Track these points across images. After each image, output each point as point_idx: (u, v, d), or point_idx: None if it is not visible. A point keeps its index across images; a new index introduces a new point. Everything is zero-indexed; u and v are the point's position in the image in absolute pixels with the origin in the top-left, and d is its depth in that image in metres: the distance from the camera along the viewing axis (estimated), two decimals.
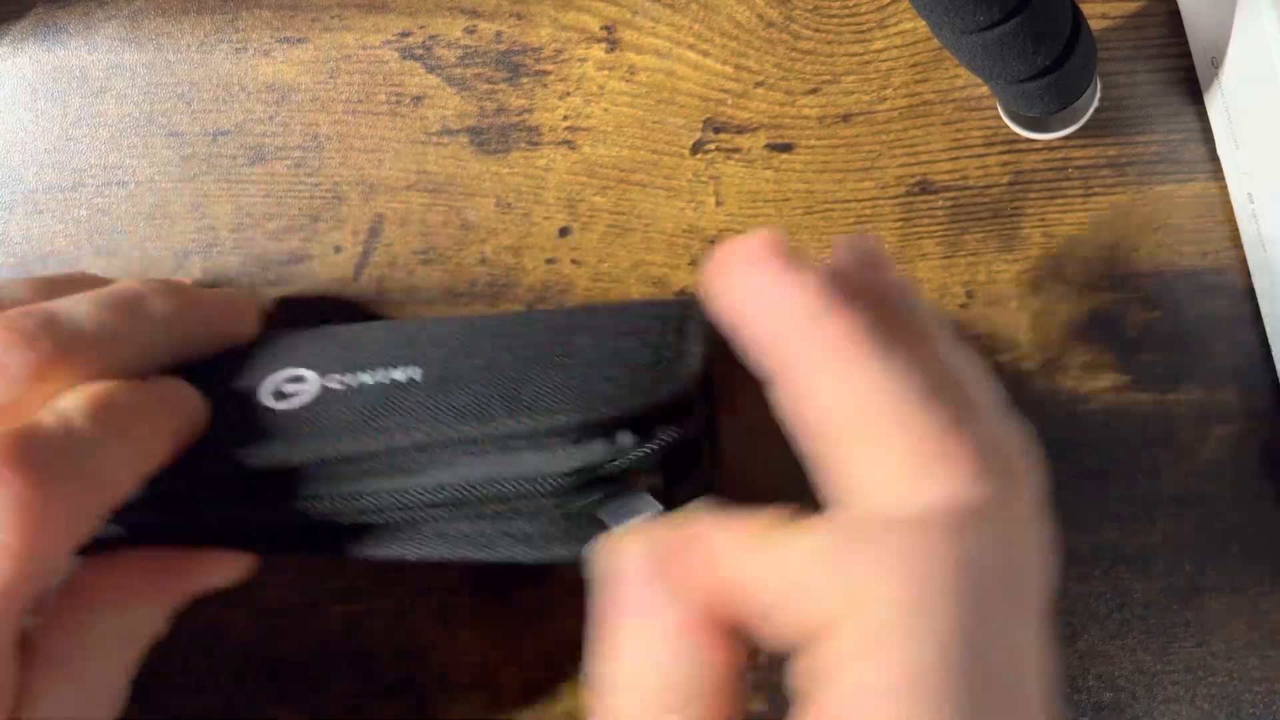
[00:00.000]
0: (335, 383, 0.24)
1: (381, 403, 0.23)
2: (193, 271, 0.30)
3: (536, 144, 0.29)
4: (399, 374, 0.23)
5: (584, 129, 0.29)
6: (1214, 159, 0.30)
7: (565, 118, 0.29)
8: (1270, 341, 0.30)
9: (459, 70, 0.29)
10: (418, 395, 0.23)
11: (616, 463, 0.21)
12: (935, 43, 0.29)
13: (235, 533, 0.24)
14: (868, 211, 0.30)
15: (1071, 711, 0.29)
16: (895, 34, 0.29)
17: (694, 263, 0.30)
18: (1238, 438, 0.30)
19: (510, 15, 0.29)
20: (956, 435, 0.17)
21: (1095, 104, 0.29)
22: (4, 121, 0.29)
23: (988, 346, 0.30)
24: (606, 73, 0.29)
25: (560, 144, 0.29)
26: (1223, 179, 0.30)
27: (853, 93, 0.29)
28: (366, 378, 0.24)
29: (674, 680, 0.18)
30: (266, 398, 0.24)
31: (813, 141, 0.30)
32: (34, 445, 0.20)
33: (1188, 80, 0.30)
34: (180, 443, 0.23)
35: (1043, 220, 0.30)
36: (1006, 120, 0.29)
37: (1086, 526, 0.29)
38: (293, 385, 0.24)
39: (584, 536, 0.22)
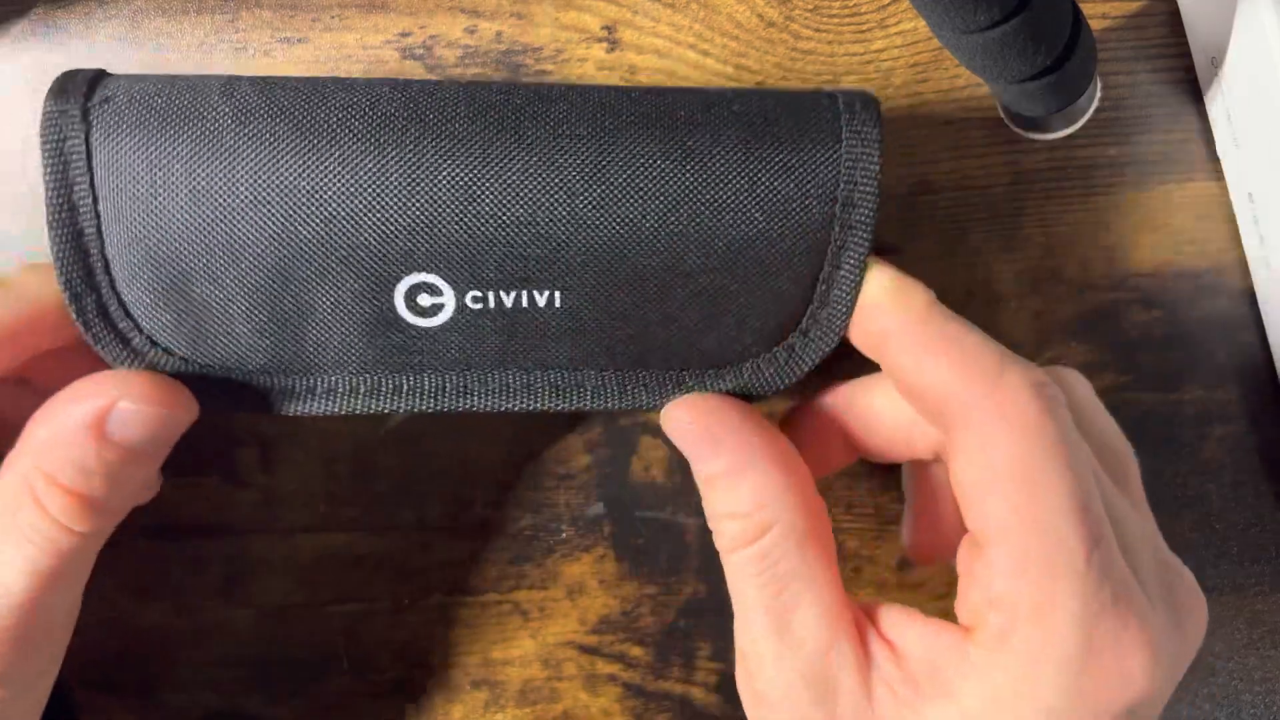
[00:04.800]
0: (473, 300, 0.23)
1: (520, 333, 0.23)
2: None
3: None
4: (540, 297, 0.23)
5: None
6: (1214, 159, 0.30)
7: None
8: (1270, 341, 0.30)
9: (459, 70, 0.29)
10: (558, 330, 0.23)
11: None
12: (935, 43, 0.29)
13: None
14: None
15: None
16: (895, 34, 0.29)
17: None
18: (1237, 438, 0.30)
19: (511, 15, 0.29)
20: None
21: (1095, 104, 0.29)
22: (5, 121, 0.29)
23: None
24: (607, 73, 0.29)
25: None
26: (1222, 179, 0.30)
27: None
28: (505, 298, 0.23)
29: None
30: (403, 308, 0.23)
31: None
32: None
33: (1188, 80, 0.30)
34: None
35: (1043, 220, 0.30)
36: (1006, 120, 0.29)
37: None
38: (428, 297, 0.23)
39: None
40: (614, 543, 0.30)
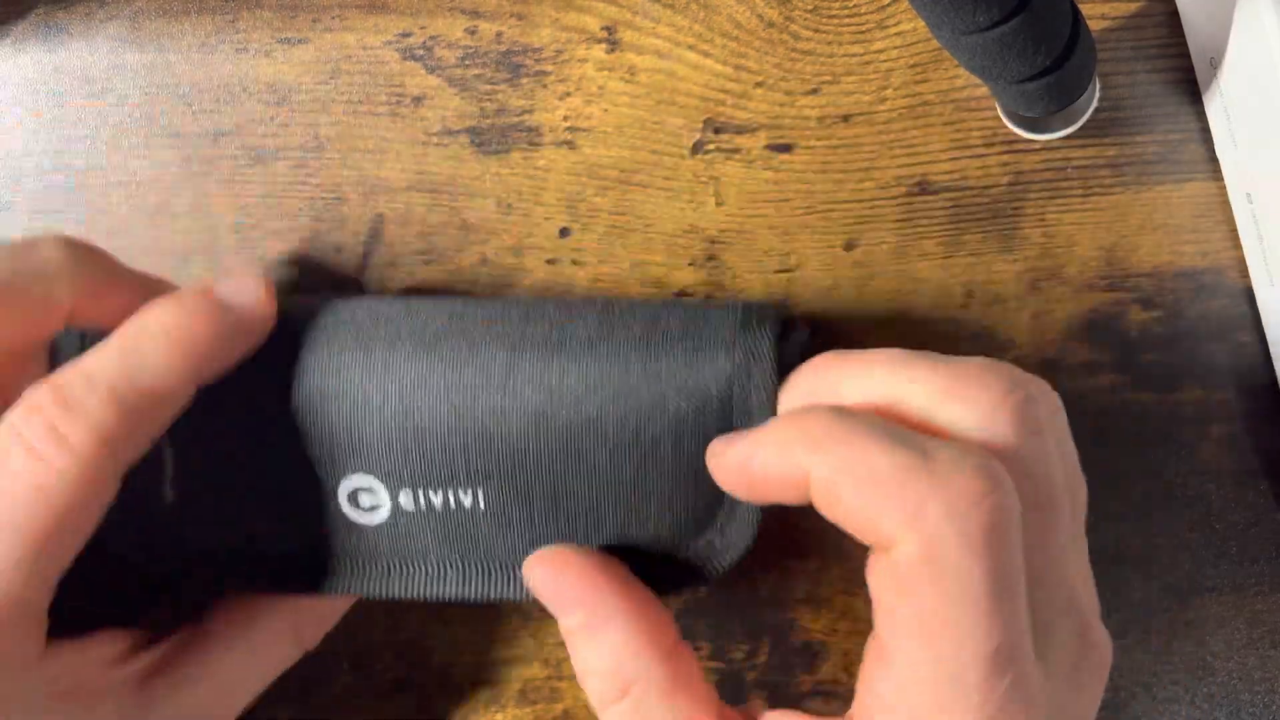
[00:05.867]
0: (406, 501, 0.25)
1: (449, 533, 0.25)
2: (194, 272, 0.30)
3: (537, 144, 0.29)
4: (465, 496, 0.25)
5: (584, 129, 0.29)
6: (1212, 159, 0.30)
7: (565, 118, 0.29)
8: (1269, 341, 0.30)
9: (459, 71, 0.29)
10: (484, 527, 0.25)
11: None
12: (935, 43, 0.29)
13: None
14: (867, 212, 0.30)
15: None
16: (895, 34, 0.29)
17: (693, 263, 0.30)
18: (1236, 438, 0.30)
19: (511, 16, 0.29)
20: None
21: (1094, 104, 0.29)
22: (5, 121, 0.29)
23: (987, 347, 0.30)
24: (607, 73, 0.29)
25: (560, 144, 0.30)
26: (1221, 179, 0.30)
27: (852, 93, 0.30)
28: (435, 498, 0.25)
29: None
30: (347, 506, 0.25)
31: (813, 142, 0.30)
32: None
33: (1186, 81, 0.30)
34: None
35: (1042, 220, 0.30)
36: (1006, 120, 0.29)
37: (1085, 526, 0.29)
38: (367, 497, 0.25)
39: None
40: None
